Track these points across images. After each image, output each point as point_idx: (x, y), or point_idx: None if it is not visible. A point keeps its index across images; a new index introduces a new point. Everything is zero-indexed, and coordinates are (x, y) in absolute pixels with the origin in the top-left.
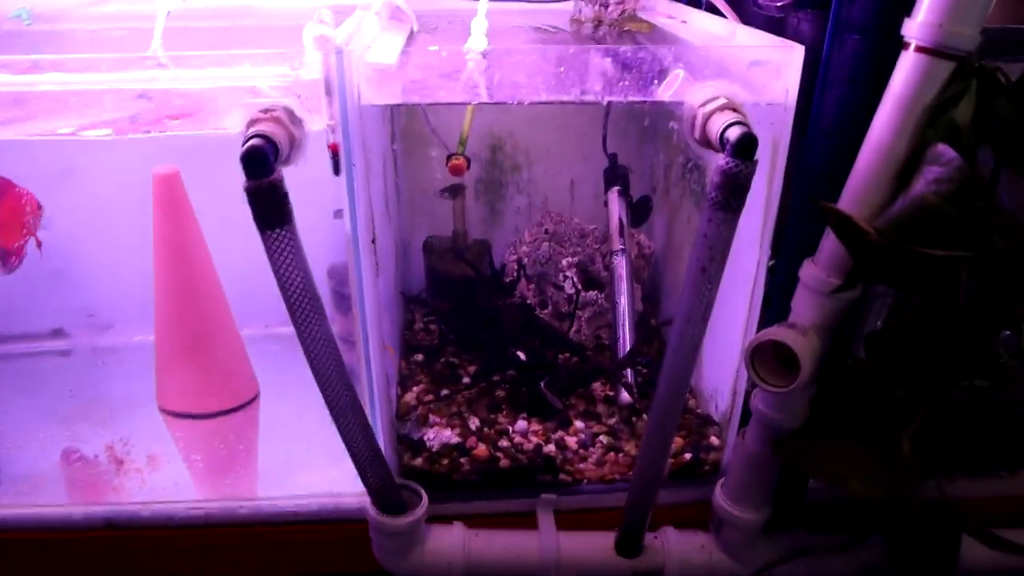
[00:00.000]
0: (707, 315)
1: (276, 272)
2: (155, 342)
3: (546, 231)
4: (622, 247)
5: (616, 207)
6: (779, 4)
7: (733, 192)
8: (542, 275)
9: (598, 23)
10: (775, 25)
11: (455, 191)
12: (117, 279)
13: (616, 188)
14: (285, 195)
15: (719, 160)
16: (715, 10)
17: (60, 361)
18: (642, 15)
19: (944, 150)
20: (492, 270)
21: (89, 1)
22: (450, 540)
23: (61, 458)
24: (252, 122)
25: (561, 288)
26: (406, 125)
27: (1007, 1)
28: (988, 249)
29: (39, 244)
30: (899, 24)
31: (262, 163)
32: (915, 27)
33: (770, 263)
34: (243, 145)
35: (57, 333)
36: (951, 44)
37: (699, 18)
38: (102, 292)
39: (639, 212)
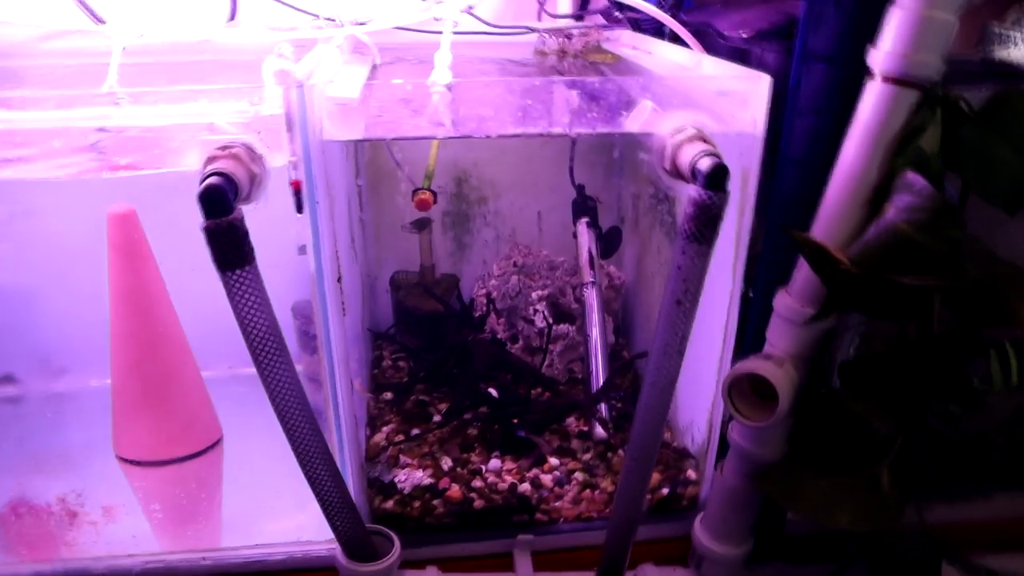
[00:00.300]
0: (683, 348)
1: (237, 314)
2: (112, 387)
3: (515, 264)
4: (592, 279)
5: (585, 239)
6: (744, 36)
7: (706, 224)
8: (512, 309)
9: (562, 54)
10: (739, 56)
11: (421, 225)
12: (72, 322)
13: (585, 219)
14: (245, 234)
15: (691, 191)
16: (680, 41)
17: (10, 409)
18: (607, 46)
19: (915, 179)
20: (461, 305)
21: (42, 36)
22: None
23: (8, 511)
24: (210, 159)
25: (531, 322)
26: (371, 159)
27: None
28: (960, 277)
29: None
30: (864, 52)
31: (220, 202)
32: (880, 57)
33: (748, 293)
34: (200, 184)
35: (7, 379)
36: (916, 73)
37: (664, 49)
38: (56, 336)
39: (609, 243)
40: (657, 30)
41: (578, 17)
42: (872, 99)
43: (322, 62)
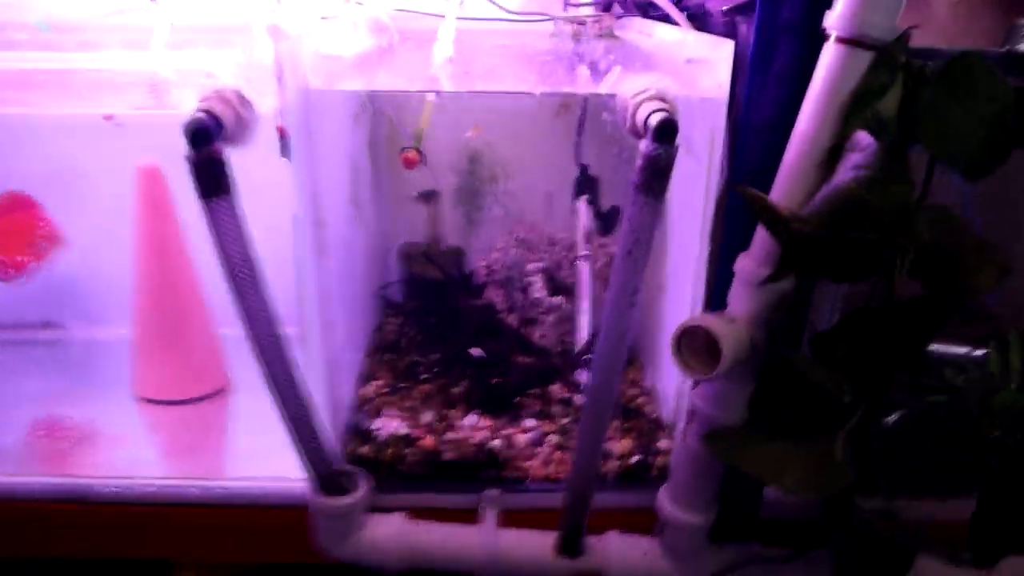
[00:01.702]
0: (635, 299)
1: (216, 240)
2: (132, 332)
3: (517, 238)
4: (586, 253)
5: (584, 215)
6: (723, 9)
7: (655, 175)
8: (509, 279)
9: (576, 40)
10: (730, 32)
11: (429, 196)
12: (107, 272)
13: (584, 196)
14: (223, 166)
15: (641, 146)
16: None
17: (46, 351)
18: (619, 33)
19: (862, 136)
20: (461, 273)
21: (105, 13)
22: (388, 528)
23: (30, 433)
24: (202, 100)
25: (526, 292)
26: (389, 134)
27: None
28: (912, 238)
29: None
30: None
31: (203, 135)
32: (833, 18)
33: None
34: (187, 118)
35: (46, 324)
36: (867, 34)
37: (662, 31)
38: (94, 286)
39: (608, 221)
40: (665, 16)
41: (606, 7)
42: (827, 61)
43: (326, 29)
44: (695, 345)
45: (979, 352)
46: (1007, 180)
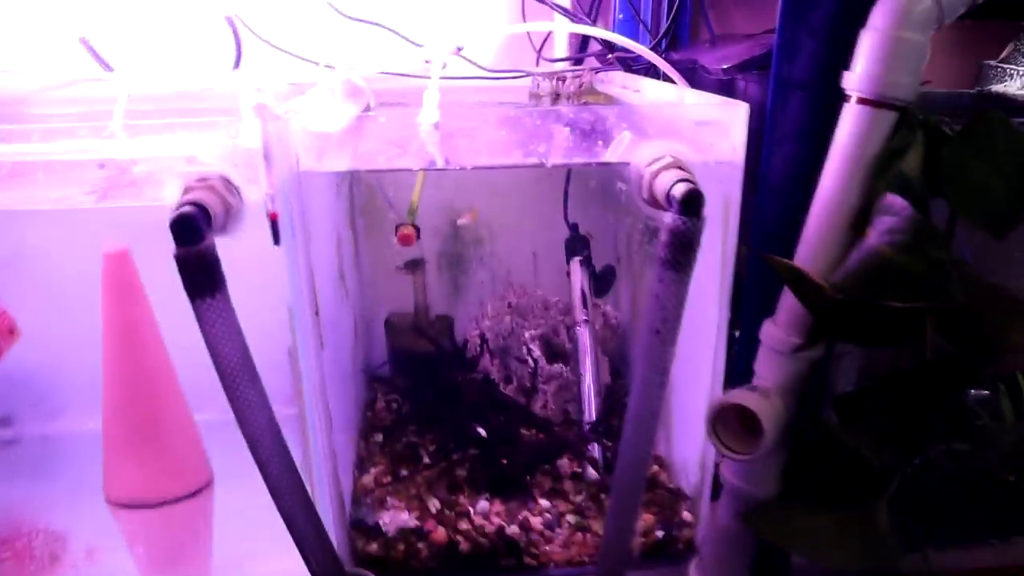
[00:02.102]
0: (664, 380)
1: (208, 343)
2: (103, 429)
3: (509, 304)
4: (585, 318)
5: (578, 277)
6: (724, 67)
7: (682, 250)
8: (505, 349)
9: (556, 97)
10: (725, 90)
11: (414, 265)
12: (69, 364)
13: (578, 258)
14: (216, 263)
15: (666, 219)
16: (671, 80)
17: (3, 452)
18: (600, 88)
19: (894, 200)
20: (454, 345)
21: (52, 85)
22: None
23: None
24: (186, 190)
25: (525, 362)
26: (368, 202)
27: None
28: (947, 300)
29: None
30: (839, 78)
31: (191, 230)
32: (855, 79)
33: (734, 333)
34: (174, 212)
35: (3, 421)
36: (891, 94)
37: (652, 86)
38: (53, 378)
39: (603, 282)
40: (649, 71)
41: (577, 61)
42: (849, 122)
43: (308, 101)
44: (727, 421)
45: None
46: None
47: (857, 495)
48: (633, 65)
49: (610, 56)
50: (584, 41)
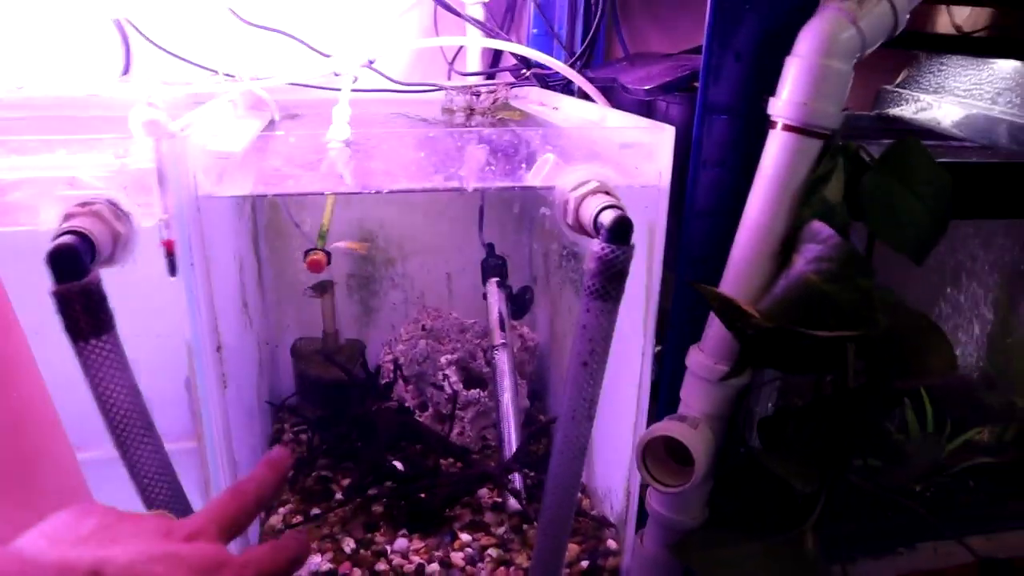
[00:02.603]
0: (592, 412)
1: (94, 388)
2: None
3: (423, 327)
4: (503, 341)
5: (496, 299)
6: (647, 88)
7: (611, 279)
8: (420, 375)
9: (470, 112)
10: (645, 111)
11: (323, 288)
12: None
13: (495, 279)
14: (102, 299)
15: (594, 247)
16: (588, 98)
17: None
18: (515, 104)
19: (820, 227)
20: (366, 372)
21: None
22: None
23: None
24: (67, 216)
25: (441, 388)
26: (271, 220)
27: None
28: (873, 327)
29: None
30: (764, 103)
31: (72, 264)
32: (780, 105)
33: (656, 349)
34: (51, 243)
35: None
36: (817, 122)
37: (571, 104)
38: None
39: (520, 303)
40: (566, 87)
41: (491, 76)
42: (775, 149)
43: (206, 115)
44: (656, 450)
45: None
46: None
47: (783, 521)
48: (549, 81)
49: (526, 72)
50: (497, 55)
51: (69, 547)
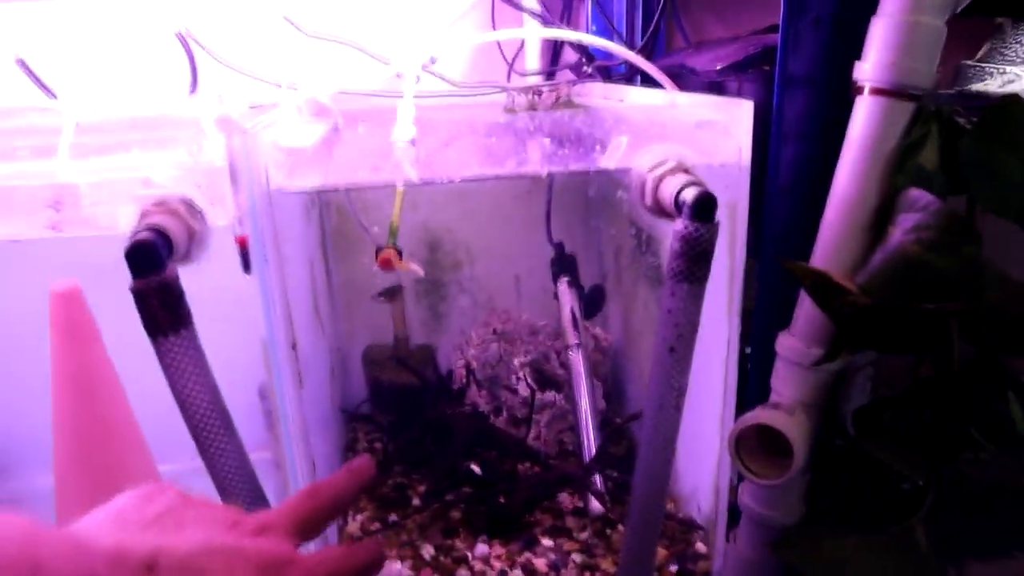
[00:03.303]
0: (680, 401)
1: (172, 385)
2: (55, 484)
3: (494, 331)
4: (577, 341)
5: (567, 299)
6: (718, 68)
7: (696, 259)
8: (493, 378)
9: (533, 111)
10: (715, 92)
11: (392, 293)
12: (19, 414)
13: (566, 279)
14: (180, 295)
15: (677, 226)
16: (652, 88)
17: None
18: (578, 101)
19: (919, 194)
20: (438, 376)
21: None
22: None
23: None
24: (144, 215)
25: (515, 391)
26: (337, 226)
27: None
28: (981, 300)
29: None
30: (847, 71)
31: (150, 259)
32: (868, 69)
33: (744, 350)
34: (129, 239)
35: None
36: (908, 82)
37: (637, 94)
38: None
39: (592, 302)
40: (628, 80)
41: (549, 75)
42: (863, 115)
43: (274, 119)
44: (748, 443)
45: None
46: None
47: (890, 516)
48: (612, 75)
49: (587, 67)
50: (557, 53)
51: (129, 531)
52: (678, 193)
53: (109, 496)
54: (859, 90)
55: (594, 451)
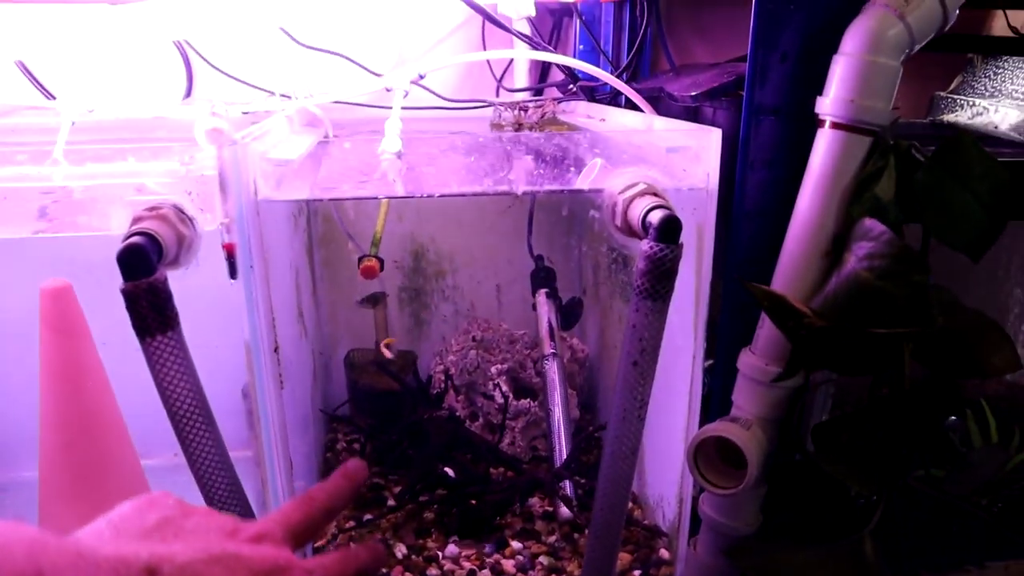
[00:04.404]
0: (643, 413)
1: (158, 384)
2: (39, 476)
3: (473, 338)
4: (553, 351)
5: (545, 310)
6: (693, 95)
7: (660, 278)
8: (471, 385)
9: (518, 127)
10: (691, 117)
11: (375, 300)
12: (7, 406)
13: (544, 290)
14: (168, 298)
15: (643, 246)
16: (635, 110)
17: None
18: (563, 118)
19: (872, 224)
20: (418, 382)
21: None
22: None
23: None
24: (136, 220)
25: (491, 398)
26: (325, 234)
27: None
28: (930, 325)
29: None
30: (812, 103)
31: (141, 262)
32: (828, 104)
33: (708, 364)
34: (122, 243)
35: None
36: (865, 119)
37: (618, 115)
38: None
39: (569, 314)
40: (613, 100)
41: (539, 91)
42: (824, 147)
43: (265, 129)
44: (708, 454)
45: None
46: None
47: (841, 528)
48: (596, 95)
49: (572, 86)
50: (544, 71)
51: (130, 540)
52: (645, 215)
53: (91, 489)
54: (820, 123)
55: (565, 457)
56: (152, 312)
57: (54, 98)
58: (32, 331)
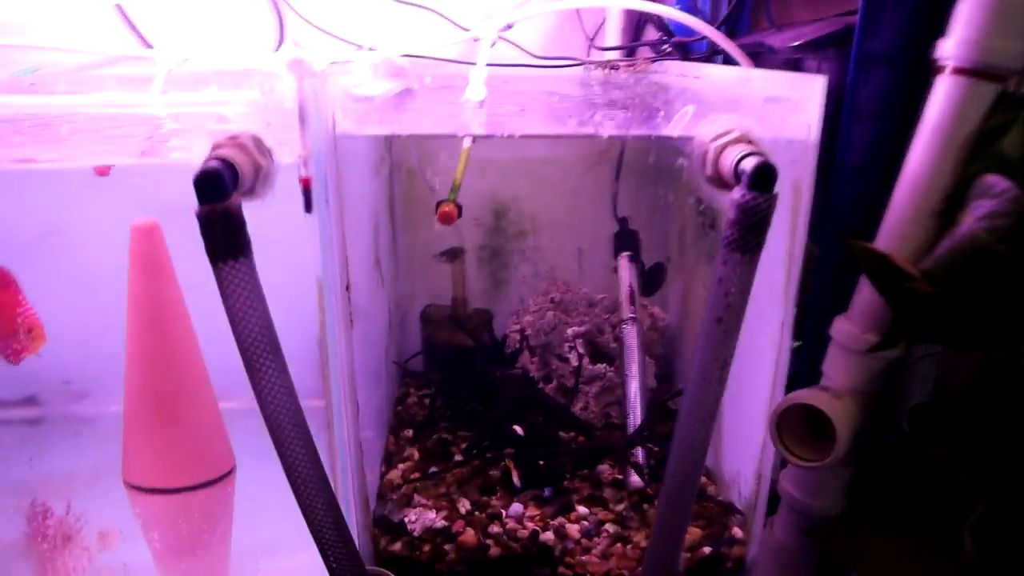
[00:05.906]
0: (724, 375)
1: (228, 309)
2: (123, 409)
3: (552, 300)
4: (632, 315)
5: (627, 274)
6: (795, 45)
7: (751, 229)
8: (546, 346)
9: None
10: (793, 70)
11: (453, 255)
12: (96, 345)
13: (626, 254)
14: (241, 223)
15: (734, 195)
16: (732, 66)
17: (28, 430)
18: (654, 77)
19: (995, 180)
20: (492, 340)
21: (93, 64)
22: None
23: (4, 530)
24: (215, 147)
25: (566, 360)
26: (406, 191)
27: None
28: None
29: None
30: (927, 50)
31: (216, 186)
32: (951, 47)
33: (796, 344)
34: (199, 168)
35: (29, 400)
36: (993, 61)
37: (713, 71)
38: (79, 357)
39: (652, 280)
40: (708, 59)
41: (629, 52)
42: (942, 95)
43: (348, 71)
44: (792, 425)
45: None
46: None
47: (937, 519)
48: (691, 53)
49: (666, 45)
50: (638, 29)
51: None
52: (738, 162)
53: (170, 424)
54: (940, 69)
55: (639, 424)
56: (225, 237)
57: (151, 47)
58: (122, 268)
